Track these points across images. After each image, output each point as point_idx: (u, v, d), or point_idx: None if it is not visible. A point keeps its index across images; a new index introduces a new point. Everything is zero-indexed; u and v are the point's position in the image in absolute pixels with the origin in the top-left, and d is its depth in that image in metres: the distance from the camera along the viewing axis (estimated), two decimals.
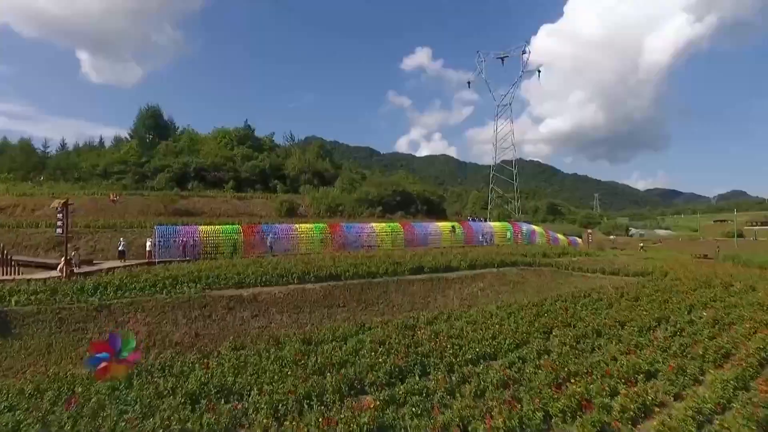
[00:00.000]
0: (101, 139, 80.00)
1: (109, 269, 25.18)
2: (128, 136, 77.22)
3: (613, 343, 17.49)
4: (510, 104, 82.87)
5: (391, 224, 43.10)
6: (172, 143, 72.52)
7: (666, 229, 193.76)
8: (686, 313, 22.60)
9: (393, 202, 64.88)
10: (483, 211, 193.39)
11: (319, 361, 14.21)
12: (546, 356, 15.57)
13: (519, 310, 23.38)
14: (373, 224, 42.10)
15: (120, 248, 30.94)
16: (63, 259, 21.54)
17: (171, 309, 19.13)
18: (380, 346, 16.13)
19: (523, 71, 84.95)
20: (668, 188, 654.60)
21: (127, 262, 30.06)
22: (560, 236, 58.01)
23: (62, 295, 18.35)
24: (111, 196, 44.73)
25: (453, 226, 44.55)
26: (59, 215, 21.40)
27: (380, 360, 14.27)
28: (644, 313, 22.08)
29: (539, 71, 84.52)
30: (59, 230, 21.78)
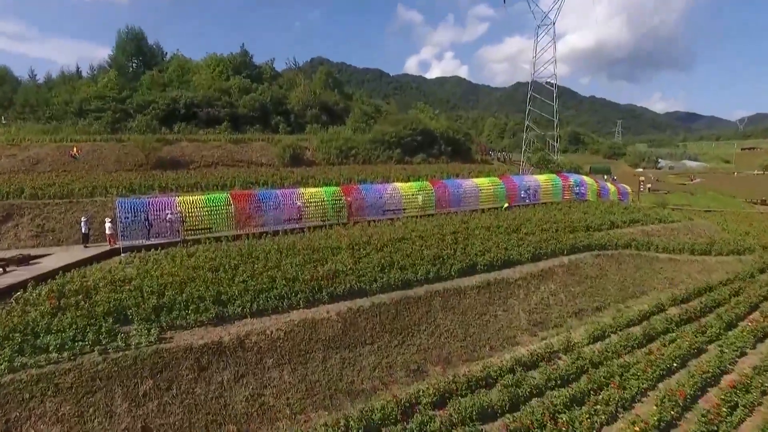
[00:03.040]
0: (78, 68, 69.43)
1: (42, 278, 18.05)
2: (108, 64, 66.99)
3: None
4: (554, 23, 69.47)
5: (418, 183, 35.07)
6: (159, 73, 62.74)
7: (694, 159, 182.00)
8: None
9: (413, 143, 56.09)
10: (500, 140, 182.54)
11: None
12: None
13: (624, 346, 16.21)
14: (397, 184, 34.11)
15: (83, 230, 23.81)
16: None
17: (105, 382, 12.06)
18: None
19: None
20: (688, 111, 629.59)
21: (90, 249, 23.15)
22: (609, 185, 49.78)
23: None
24: (73, 150, 36.62)
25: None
26: None
27: None
28: None
29: None
30: None
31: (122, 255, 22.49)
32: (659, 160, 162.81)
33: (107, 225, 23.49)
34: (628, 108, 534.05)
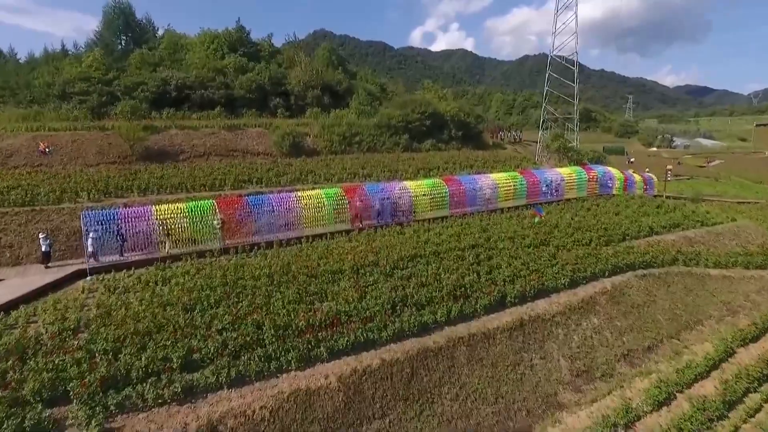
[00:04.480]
0: (63, 45, 64.85)
1: None
2: (94, 42, 62.37)
3: None
4: None
5: (430, 181, 31.31)
6: (149, 51, 58.27)
7: (709, 137, 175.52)
8: None
9: (422, 127, 52.08)
10: (507, 117, 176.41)
11: None
12: None
13: (701, 420, 12.84)
14: (407, 183, 30.38)
15: (43, 249, 20.37)
16: None
17: None
18: None
19: None
20: (699, 85, 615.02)
21: (50, 271, 19.86)
22: (635, 175, 45.81)
23: None
24: (41, 145, 32.90)
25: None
26: None
27: None
28: None
29: None
30: None
31: (88, 278, 19.23)
32: (674, 138, 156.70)
33: (89, 240, 20.07)
34: (637, 81, 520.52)
